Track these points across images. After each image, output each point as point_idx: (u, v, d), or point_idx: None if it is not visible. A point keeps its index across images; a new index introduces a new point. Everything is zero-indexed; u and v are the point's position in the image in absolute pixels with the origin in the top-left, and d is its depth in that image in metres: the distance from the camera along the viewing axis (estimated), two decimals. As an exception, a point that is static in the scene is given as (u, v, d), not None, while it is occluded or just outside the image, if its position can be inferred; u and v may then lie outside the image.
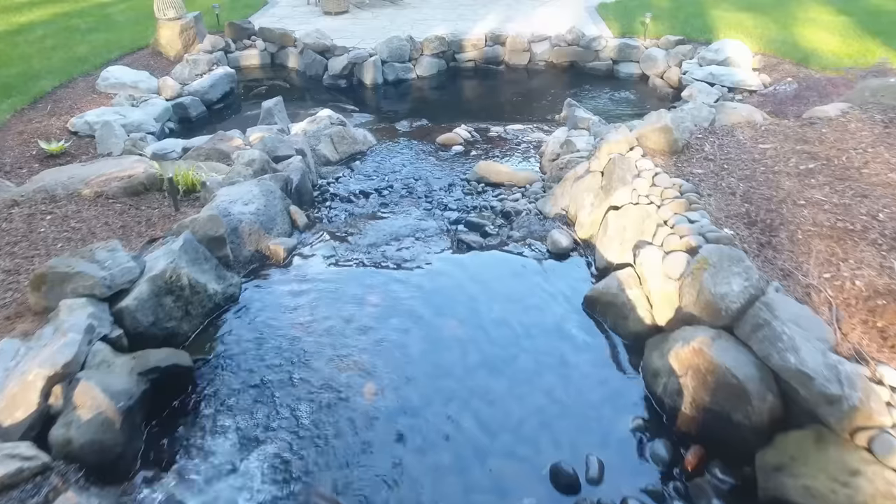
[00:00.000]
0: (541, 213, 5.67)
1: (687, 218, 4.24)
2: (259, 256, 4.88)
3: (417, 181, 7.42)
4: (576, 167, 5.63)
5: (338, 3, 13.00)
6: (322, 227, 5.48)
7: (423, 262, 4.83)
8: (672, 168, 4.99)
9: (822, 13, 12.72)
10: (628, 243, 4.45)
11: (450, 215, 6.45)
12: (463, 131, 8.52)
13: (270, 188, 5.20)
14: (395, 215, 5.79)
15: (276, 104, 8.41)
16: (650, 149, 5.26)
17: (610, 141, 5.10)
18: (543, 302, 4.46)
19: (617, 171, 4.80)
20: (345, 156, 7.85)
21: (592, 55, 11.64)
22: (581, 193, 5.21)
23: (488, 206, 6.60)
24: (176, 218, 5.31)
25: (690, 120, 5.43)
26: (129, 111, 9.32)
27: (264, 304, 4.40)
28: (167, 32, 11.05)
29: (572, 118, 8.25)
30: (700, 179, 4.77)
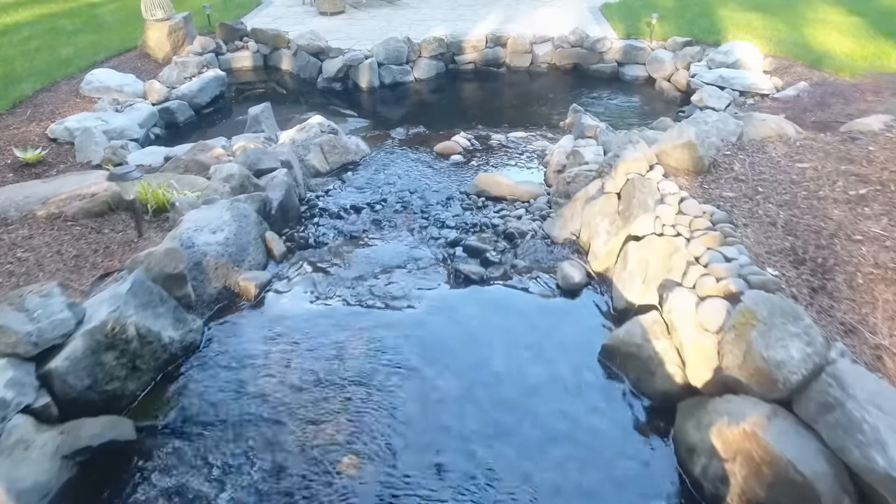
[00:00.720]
0: (548, 236, 4.92)
1: (722, 254, 3.48)
2: (226, 294, 4.12)
3: (413, 194, 6.67)
4: (587, 186, 4.86)
5: (333, 4, 12.19)
6: (302, 255, 4.71)
7: (415, 300, 4.07)
8: (698, 190, 4.23)
9: (832, 13, 11.93)
10: (652, 281, 3.69)
11: (447, 234, 5.72)
12: (462, 139, 7.75)
13: (244, 212, 4.44)
14: (384, 242, 5.04)
15: (262, 111, 7.65)
16: (672, 167, 4.50)
17: (627, 159, 4.33)
18: (553, 350, 3.70)
19: (637, 194, 4.04)
20: (336, 166, 7.09)
21: (596, 57, 10.86)
22: (594, 218, 4.44)
23: (489, 225, 5.85)
24: (138, 246, 4.56)
25: (716, 134, 4.66)
26: (112, 117, 8.56)
27: (229, 353, 3.64)
28: (155, 34, 10.28)
29: (578, 126, 7.48)
30: (732, 205, 4.01)
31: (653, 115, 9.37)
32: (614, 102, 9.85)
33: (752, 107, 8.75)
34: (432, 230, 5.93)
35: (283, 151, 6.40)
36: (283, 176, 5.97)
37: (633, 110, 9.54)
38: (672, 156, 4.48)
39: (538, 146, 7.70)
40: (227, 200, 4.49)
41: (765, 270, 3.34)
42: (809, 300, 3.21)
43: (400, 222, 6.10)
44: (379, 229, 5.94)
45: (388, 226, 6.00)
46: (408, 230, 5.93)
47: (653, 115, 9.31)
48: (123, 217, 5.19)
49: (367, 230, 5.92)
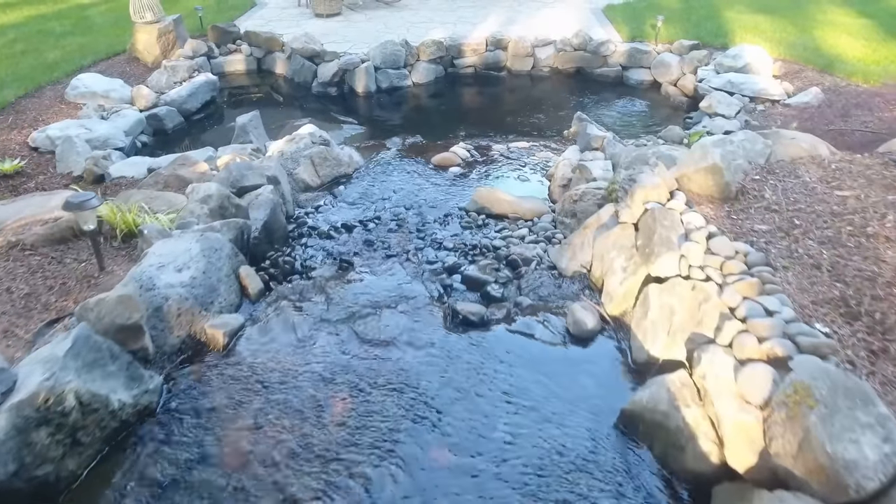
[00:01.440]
0: (555, 266, 4.33)
1: (762, 306, 2.89)
2: (191, 343, 3.52)
3: (409, 210, 6.08)
4: (598, 212, 4.26)
5: (329, 5, 11.56)
6: (281, 292, 4.11)
7: (407, 349, 3.48)
8: (726, 222, 3.63)
9: (841, 15, 11.30)
10: (679, 334, 3.10)
11: (445, 258, 5.15)
12: (461, 150, 7.15)
13: (215, 245, 3.84)
14: (375, 271, 4.44)
15: (251, 120, 7.04)
16: (695, 193, 3.90)
17: (645, 186, 3.73)
18: (564, 413, 3.12)
19: (658, 228, 3.44)
20: (328, 179, 6.49)
21: (600, 61, 10.24)
22: (608, 251, 3.85)
23: (490, 247, 5.27)
24: (98, 281, 3.96)
25: (743, 155, 4.06)
26: (97, 124, 7.97)
27: (191, 417, 3.05)
28: (144, 37, 9.66)
29: (584, 136, 6.88)
30: (767, 241, 3.41)
31: (659, 121, 8.78)
32: (619, 108, 9.25)
33: (762, 113, 8.16)
34: (429, 252, 5.36)
35: (269, 166, 5.80)
36: (268, 194, 5.39)
37: (639, 116, 8.93)
38: (695, 181, 3.89)
39: (542, 157, 7.10)
40: (196, 232, 3.88)
41: (814, 328, 2.74)
42: (870, 367, 2.62)
43: (394, 243, 5.53)
44: (371, 251, 5.37)
45: (382, 247, 5.42)
46: (402, 251, 5.36)
47: (659, 122, 8.72)
48: (88, 244, 4.59)
49: (358, 252, 5.35)
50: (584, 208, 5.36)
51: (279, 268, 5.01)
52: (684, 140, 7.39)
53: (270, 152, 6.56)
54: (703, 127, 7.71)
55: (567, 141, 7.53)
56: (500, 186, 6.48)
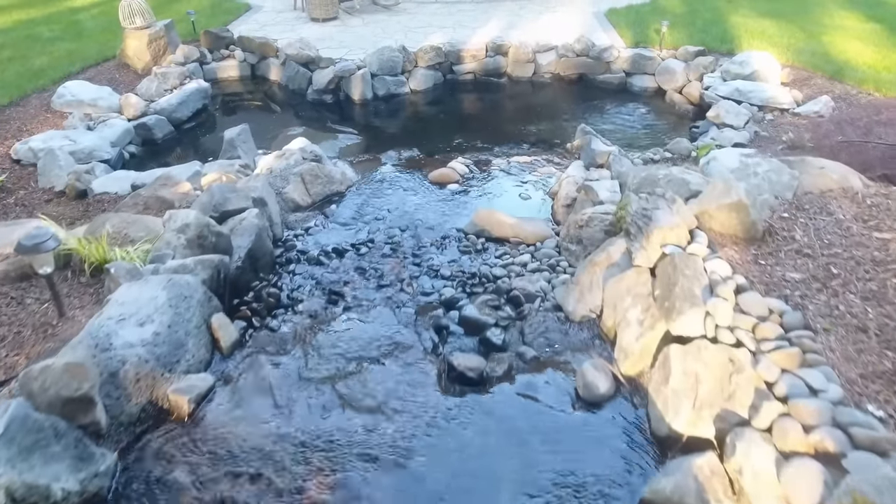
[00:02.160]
0: (560, 307, 3.85)
1: (805, 382, 2.42)
2: (152, 411, 3.05)
3: (404, 232, 5.62)
4: (608, 248, 3.79)
5: (325, 10, 11.03)
6: (259, 342, 3.64)
7: (396, 416, 3.01)
8: (754, 268, 3.16)
9: (848, 19, 10.78)
10: (706, 408, 2.63)
11: (442, 287, 4.74)
12: (460, 165, 6.67)
13: (185, 291, 3.37)
14: (364, 316, 3.96)
15: (239, 134, 6.56)
16: (717, 233, 3.43)
17: (662, 226, 3.26)
18: (573, 498, 2.64)
19: (679, 279, 2.97)
20: (319, 198, 6.02)
21: (603, 67, 9.73)
22: (621, 297, 3.38)
23: (490, 276, 4.82)
24: (57, 331, 3.50)
25: (768, 189, 3.59)
26: (82, 135, 7.49)
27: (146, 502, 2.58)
28: (134, 43, 9.16)
29: (588, 151, 6.40)
30: (802, 295, 2.94)
31: (665, 130, 8.30)
32: (623, 116, 8.75)
33: (771, 123, 7.68)
34: (424, 281, 4.92)
35: (255, 187, 5.33)
36: (252, 218, 4.92)
37: (644, 125, 8.44)
38: (717, 218, 3.42)
39: (544, 172, 6.62)
40: (164, 276, 3.41)
41: (867, 411, 2.27)
42: (939, 465, 2.14)
43: (388, 270, 5.08)
44: (363, 280, 4.92)
45: (374, 276, 4.97)
46: (396, 280, 4.91)
47: (665, 131, 8.24)
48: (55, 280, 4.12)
49: (349, 281, 4.90)
50: (591, 235, 4.90)
51: (263, 301, 4.57)
52: (692, 153, 6.92)
53: (259, 169, 6.08)
54: (711, 139, 7.22)
55: (570, 154, 7.05)
56: (500, 205, 6.02)
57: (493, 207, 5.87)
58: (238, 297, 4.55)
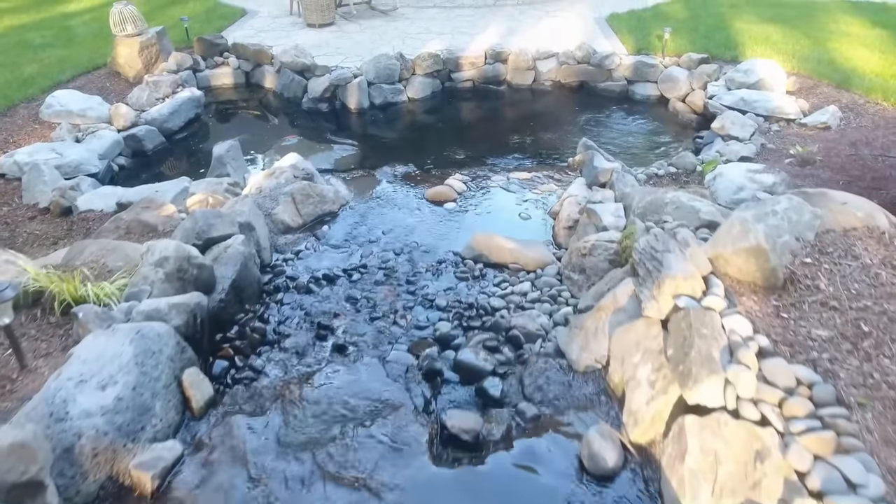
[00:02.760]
0: (563, 353, 3.50)
1: (841, 474, 2.07)
2: (112, 489, 2.68)
3: (399, 255, 5.28)
4: (614, 290, 3.44)
5: (322, 15, 10.63)
6: (235, 399, 3.28)
7: (383, 491, 2.65)
8: (775, 323, 2.81)
9: (854, 25, 10.39)
10: (729, 495, 2.29)
11: (437, 320, 4.43)
12: (457, 182, 6.32)
13: (154, 345, 3.02)
14: (350, 369, 3.59)
15: (228, 150, 6.20)
16: (734, 279, 3.08)
17: (675, 275, 2.90)
18: None
19: (695, 339, 2.61)
20: (310, 219, 5.67)
21: (605, 74, 9.35)
22: (630, 351, 3.02)
23: (488, 308, 4.49)
24: (15, 387, 3.15)
25: (788, 229, 3.22)
26: (69, 148, 7.13)
27: None
28: (125, 50, 8.78)
29: (591, 169, 6.03)
30: (832, 358, 2.59)
31: (668, 140, 7.94)
32: (625, 126, 8.39)
33: (777, 134, 7.32)
34: (419, 312, 4.58)
35: (242, 211, 4.97)
36: (238, 246, 4.56)
37: (646, 136, 8.08)
38: (733, 263, 3.06)
39: (544, 190, 6.27)
40: (132, 328, 3.05)
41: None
42: None
43: (381, 299, 4.74)
44: (355, 310, 4.59)
45: (366, 306, 4.63)
46: (389, 311, 4.57)
47: (668, 141, 7.89)
48: (23, 321, 3.80)
49: (340, 313, 4.57)
50: (594, 265, 4.55)
51: (247, 338, 4.22)
52: (697, 167, 6.56)
53: (247, 189, 5.72)
54: (716, 153, 6.86)
55: (572, 170, 6.69)
56: (499, 226, 5.68)
57: (492, 228, 5.54)
58: (221, 331, 4.23)
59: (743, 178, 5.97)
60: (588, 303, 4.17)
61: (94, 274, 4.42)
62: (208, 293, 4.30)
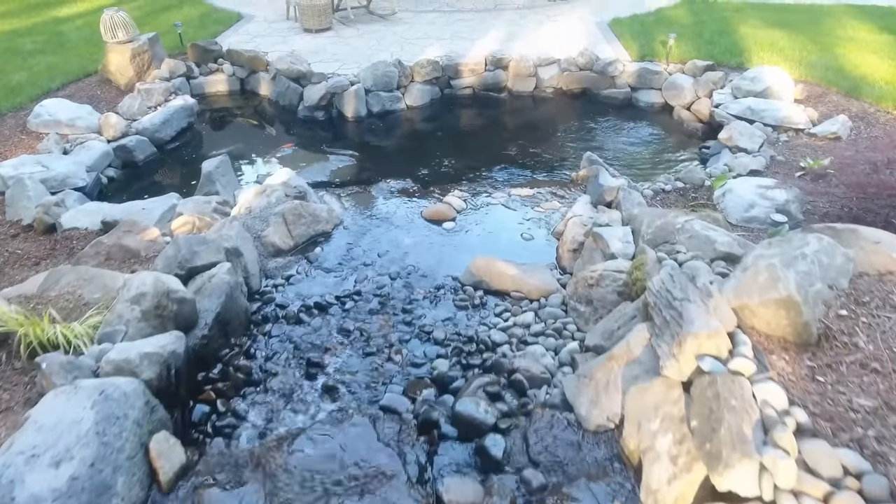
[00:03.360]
0: (571, 407, 3.14)
1: None
2: None
3: (395, 281, 4.92)
4: (626, 338, 3.07)
5: (319, 20, 10.22)
6: (208, 465, 2.91)
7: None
8: (811, 388, 2.44)
9: (861, 30, 9.99)
10: None
11: (434, 356, 4.12)
12: (456, 199, 5.94)
13: (118, 409, 2.65)
14: (339, 429, 3.22)
15: (217, 166, 5.82)
16: (761, 334, 2.71)
17: (698, 333, 2.53)
18: None
19: (725, 415, 2.25)
20: (303, 240, 5.30)
21: (608, 81, 8.96)
22: (647, 415, 2.66)
23: (489, 343, 4.14)
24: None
25: (820, 276, 2.85)
26: (56, 160, 6.76)
27: None
28: (117, 58, 8.39)
29: (596, 186, 5.66)
30: (879, 436, 2.23)
31: (673, 150, 7.59)
32: (628, 135, 8.01)
33: (786, 145, 6.95)
34: (415, 346, 4.25)
35: (228, 236, 4.60)
36: (224, 275, 4.20)
37: (651, 146, 7.70)
38: (761, 316, 2.69)
39: (547, 208, 5.90)
40: (98, 383, 2.69)
41: None
42: None
43: (375, 330, 4.38)
44: (347, 343, 4.25)
45: (360, 339, 4.29)
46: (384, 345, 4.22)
47: (673, 151, 7.54)
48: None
49: (331, 347, 4.23)
50: (602, 296, 4.19)
51: (230, 379, 3.86)
52: (706, 182, 6.19)
53: (237, 209, 5.35)
54: (725, 166, 6.49)
55: (576, 185, 6.31)
56: (500, 247, 5.34)
57: (492, 249, 5.19)
58: (204, 368, 3.88)
59: (753, 194, 5.61)
60: (596, 340, 3.81)
61: (70, 307, 4.09)
62: (190, 329, 3.96)
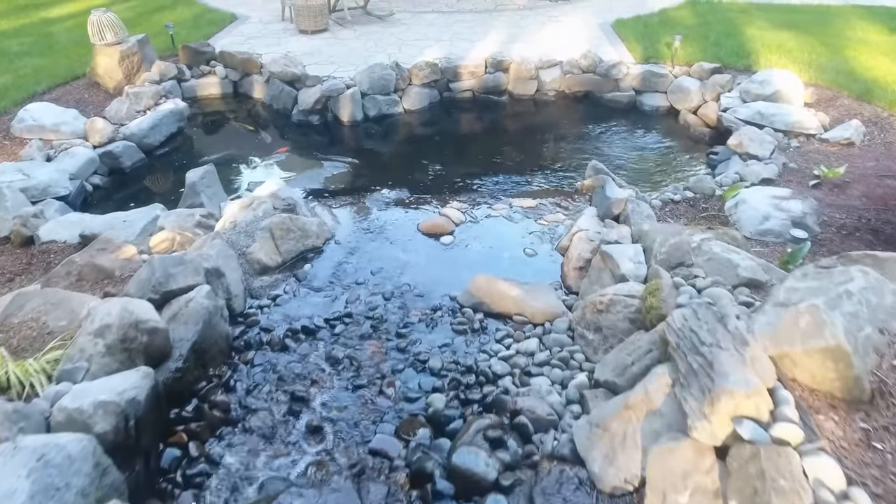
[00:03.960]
0: (583, 461, 2.71)
1: None
2: None
3: (389, 301, 4.51)
4: (644, 382, 2.64)
5: (315, 21, 9.76)
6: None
7: None
8: (868, 458, 2.02)
9: (871, 32, 9.54)
10: None
11: (430, 388, 3.75)
12: (454, 211, 5.52)
13: (59, 479, 2.22)
14: (321, 495, 2.79)
15: (203, 177, 5.39)
16: (804, 387, 2.29)
17: (734, 391, 2.11)
18: None
19: (771, 497, 1.81)
20: (291, 256, 4.87)
21: (611, 84, 8.52)
22: (674, 481, 2.23)
23: (489, 376, 3.75)
24: None
25: (868, 317, 2.42)
26: (38, 168, 6.33)
27: None
28: (105, 60, 7.95)
29: (602, 199, 5.23)
30: None
31: (680, 154, 7.16)
32: (633, 141, 7.58)
33: (798, 151, 6.53)
34: (409, 376, 3.85)
35: (209, 255, 4.17)
36: (202, 299, 3.78)
37: (657, 152, 7.27)
38: (804, 367, 2.26)
39: (551, 220, 5.47)
40: (38, 442, 2.26)
41: None
42: None
43: (366, 359, 3.98)
44: (336, 374, 3.87)
45: (349, 368, 3.90)
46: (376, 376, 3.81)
47: (680, 158, 7.10)
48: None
49: (318, 379, 3.84)
50: (613, 324, 3.77)
51: (205, 418, 3.44)
52: (717, 191, 5.76)
53: (221, 223, 4.91)
54: (735, 174, 6.06)
55: (580, 195, 5.88)
56: (500, 263, 4.92)
57: (493, 266, 4.78)
58: (178, 404, 3.48)
59: (768, 205, 5.20)
60: (607, 375, 3.39)
61: (33, 335, 3.70)
62: (163, 362, 3.55)
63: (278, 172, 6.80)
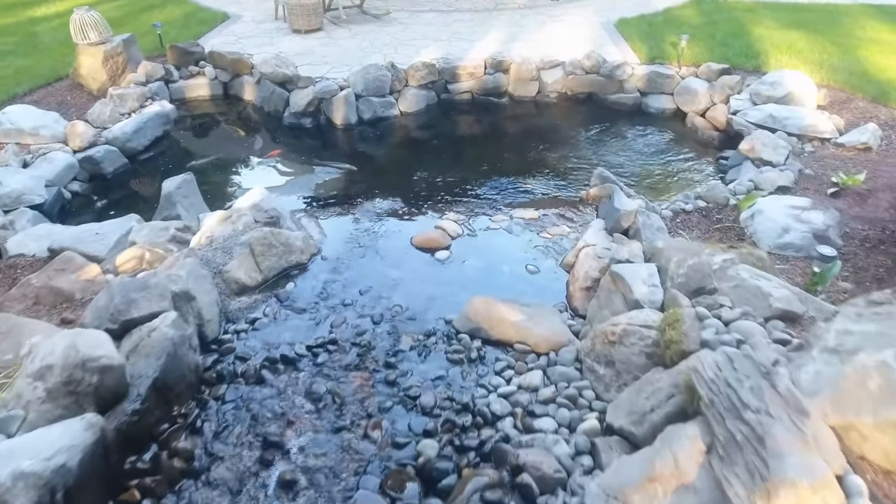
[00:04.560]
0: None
1: None
2: None
3: (378, 325, 4.01)
4: (673, 452, 2.14)
5: (309, 20, 9.22)
6: None
7: None
8: None
9: (882, 31, 8.99)
10: None
11: (421, 432, 3.29)
12: (450, 223, 5.01)
13: None
14: None
15: (179, 186, 4.88)
16: (877, 468, 1.78)
17: (798, 484, 1.59)
18: None
19: None
20: (273, 273, 4.35)
21: (615, 86, 7.99)
22: None
23: (488, 417, 3.29)
24: None
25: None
26: (12, 175, 5.84)
27: None
28: (88, 60, 7.43)
29: (610, 211, 4.71)
30: None
31: (688, 161, 6.63)
32: (639, 145, 7.06)
33: (812, 156, 6.03)
34: (398, 415, 3.38)
35: (178, 276, 3.66)
36: (166, 328, 3.27)
37: (664, 157, 6.75)
38: (877, 443, 1.76)
39: (554, 233, 4.95)
40: None
41: None
42: None
43: (350, 394, 3.49)
44: (316, 413, 3.43)
45: (332, 407, 3.43)
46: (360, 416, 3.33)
47: (689, 164, 6.59)
48: None
49: (295, 419, 3.36)
50: (627, 358, 3.27)
51: (163, 470, 2.93)
52: (731, 200, 5.26)
53: (196, 238, 4.40)
54: (749, 181, 5.54)
55: (586, 205, 5.36)
56: (500, 281, 4.42)
57: (492, 285, 4.29)
58: (135, 451, 2.96)
59: (786, 216, 4.70)
60: (621, 421, 2.89)
61: (-25, 370, 3.15)
62: (117, 403, 3.03)
63: (267, 179, 6.28)
